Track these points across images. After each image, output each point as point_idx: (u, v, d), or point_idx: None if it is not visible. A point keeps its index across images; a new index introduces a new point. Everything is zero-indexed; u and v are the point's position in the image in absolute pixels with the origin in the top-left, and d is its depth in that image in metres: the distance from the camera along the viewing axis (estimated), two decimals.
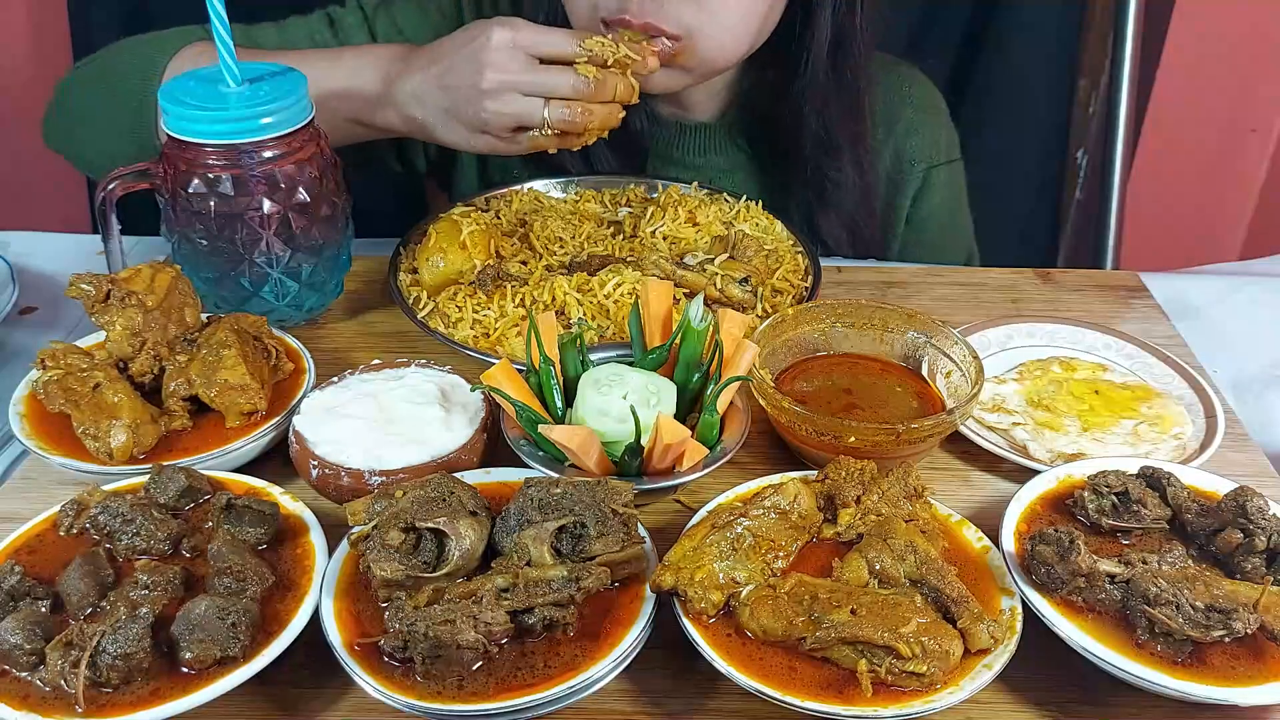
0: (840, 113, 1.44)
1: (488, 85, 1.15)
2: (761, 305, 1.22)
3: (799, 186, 1.50)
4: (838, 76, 1.41)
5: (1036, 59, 1.92)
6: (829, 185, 1.47)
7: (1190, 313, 1.37)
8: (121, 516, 0.87)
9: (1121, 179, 1.93)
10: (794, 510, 0.88)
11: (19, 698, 0.75)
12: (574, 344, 1.04)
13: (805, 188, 1.49)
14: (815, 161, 1.46)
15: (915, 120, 1.59)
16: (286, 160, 1.12)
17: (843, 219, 1.50)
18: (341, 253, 1.23)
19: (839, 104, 1.43)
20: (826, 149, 1.45)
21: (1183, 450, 1.06)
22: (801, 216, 1.50)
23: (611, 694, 0.83)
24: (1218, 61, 2.19)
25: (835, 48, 1.39)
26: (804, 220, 1.50)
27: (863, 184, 1.49)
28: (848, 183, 1.48)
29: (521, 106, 1.16)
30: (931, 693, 0.77)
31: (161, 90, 1.10)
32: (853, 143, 1.46)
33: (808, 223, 1.50)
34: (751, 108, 1.51)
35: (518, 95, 1.15)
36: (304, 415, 1.00)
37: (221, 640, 0.77)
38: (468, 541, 0.84)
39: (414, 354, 1.10)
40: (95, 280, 1.04)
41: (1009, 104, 1.92)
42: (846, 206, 1.49)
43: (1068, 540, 0.83)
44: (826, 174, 1.47)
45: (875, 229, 1.56)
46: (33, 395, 1.04)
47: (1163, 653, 0.80)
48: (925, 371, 1.12)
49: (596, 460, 0.96)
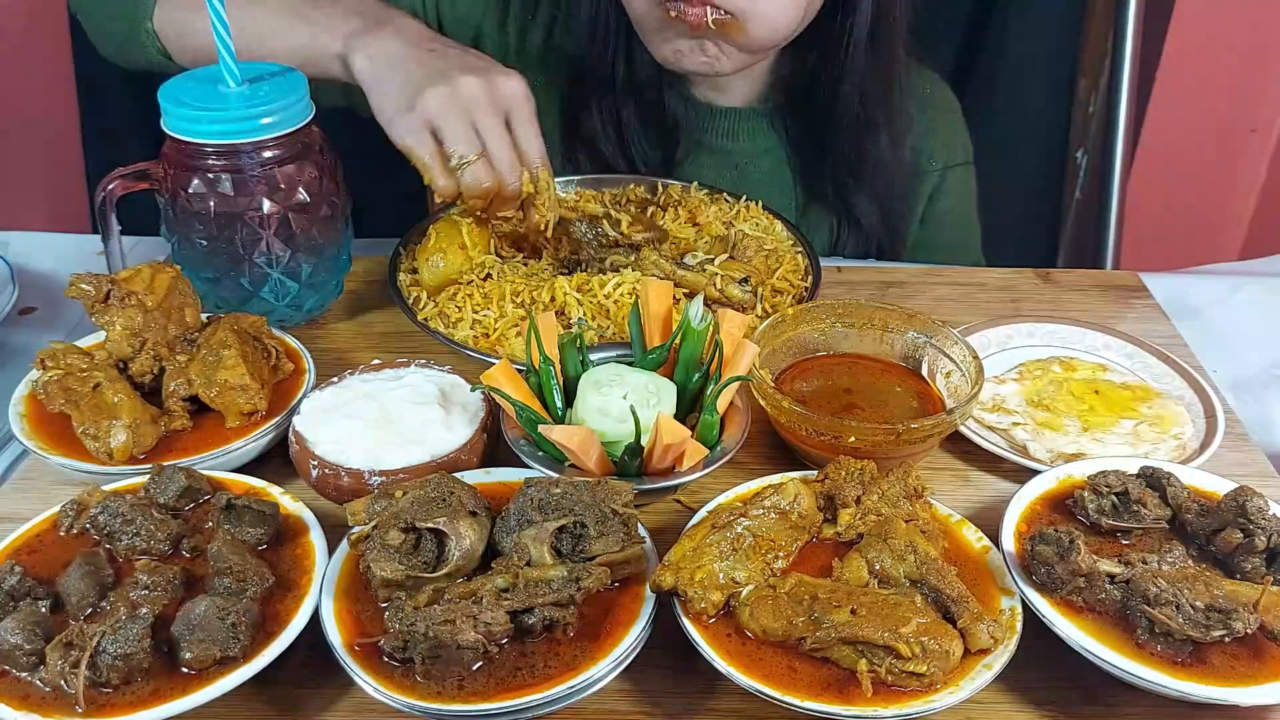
0: (877, 91, 1.45)
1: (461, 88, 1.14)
2: (761, 305, 1.22)
3: (835, 167, 1.51)
4: (876, 55, 1.43)
5: (1036, 59, 1.92)
6: (866, 162, 1.49)
7: (1190, 313, 1.37)
8: (121, 517, 0.87)
9: (1121, 179, 1.93)
10: (794, 510, 0.88)
11: (19, 698, 0.75)
12: (574, 344, 1.04)
13: (840, 168, 1.50)
14: (854, 140, 1.48)
15: (936, 120, 1.61)
16: (286, 160, 1.12)
17: (878, 199, 1.52)
18: (341, 253, 1.23)
19: (877, 82, 1.45)
20: (865, 127, 1.47)
21: (1183, 450, 1.06)
22: (836, 198, 1.51)
23: (611, 694, 0.83)
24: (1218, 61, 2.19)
25: (875, 26, 1.40)
26: (839, 202, 1.51)
27: (898, 160, 1.51)
28: (884, 158, 1.50)
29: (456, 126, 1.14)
30: (931, 693, 0.77)
31: (161, 90, 1.10)
32: (889, 120, 1.48)
33: (842, 204, 1.51)
34: (787, 91, 1.52)
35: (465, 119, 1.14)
36: (304, 415, 1.00)
37: (221, 640, 0.77)
38: (468, 541, 0.84)
39: (414, 354, 1.10)
40: (95, 280, 1.04)
41: (1009, 103, 1.92)
42: (880, 183, 1.51)
43: (1068, 540, 0.83)
44: (864, 149, 1.48)
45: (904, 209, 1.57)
46: (33, 395, 1.04)
47: (1163, 653, 0.80)
48: (925, 371, 1.12)
49: (596, 460, 0.95)
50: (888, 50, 1.43)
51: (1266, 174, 2.32)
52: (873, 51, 1.42)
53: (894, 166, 1.51)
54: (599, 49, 1.45)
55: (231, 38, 1.09)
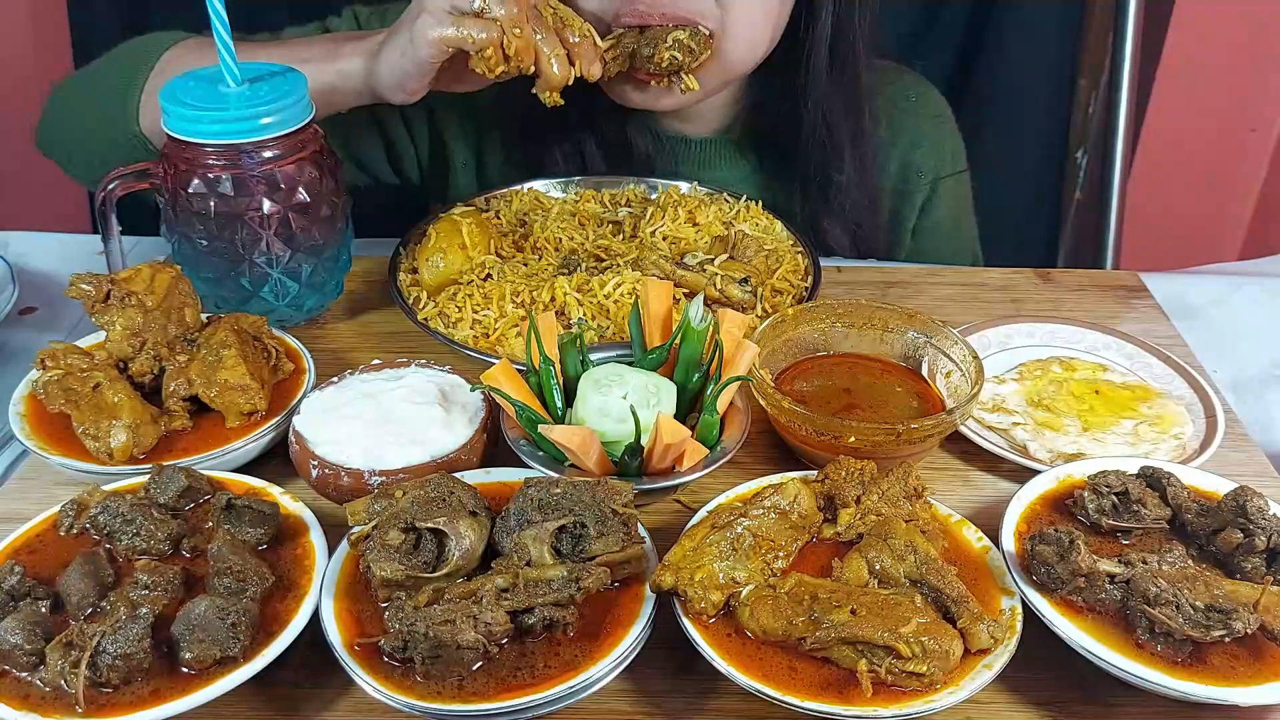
0: (841, 110, 1.44)
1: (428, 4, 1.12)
2: (761, 305, 1.22)
3: (802, 191, 1.50)
4: (837, 73, 1.41)
5: (1036, 60, 1.92)
6: (832, 186, 1.47)
7: (1190, 313, 1.37)
8: (121, 516, 0.87)
9: (1121, 179, 1.93)
10: (794, 510, 0.88)
11: (19, 698, 0.75)
12: (574, 344, 1.04)
13: (809, 192, 1.49)
14: (818, 162, 1.46)
15: (922, 131, 1.59)
16: (286, 160, 1.12)
17: (846, 223, 1.50)
18: (341, 253, 1.23)
19: (839, 101, 1.43)
20: (828, 148, 1.45)
21: (1183, 450, 1.06)
22: (807, 224, 1.49)
23: (611, 694, 0.83)
24: (1218, 61, 2.19)
25: (835, 43, 1.39)
26: (809, 228, 1.50)
27: (865, 183, 1.49)
28: (850, 182, 1.48)
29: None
30: (931, 693, 0.77)
31: (161, 90, 1.10)
32: (854, 140, 1.46)
33: (813, 230, 1.50)
34: (755, 119, 1.51)
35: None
36: (304, 415, 1.00)
37: (221, 640, 0.77)
38: (468, 541, 0.84)
39: (414, 354, 1.10)
40: (95, 280, 1.04)
41: (1009, 104, 1.92)
42: (850, 208, 1.49)
43: (1068, 540, 0.83)
44: (830, 174, 1.46)
45: (878, 232, 1.55)
46: (33, 395, 1.04)
47: (1163, 653, 0.80)
48: (925, 371, 1.12)
49: (596, 460, 0.95)
50: (850, 71, 1.41)
51: (1266, 174, 2.32)
52: (833, 72, 1.40)
53: (862, 191, 1.49)
54: None
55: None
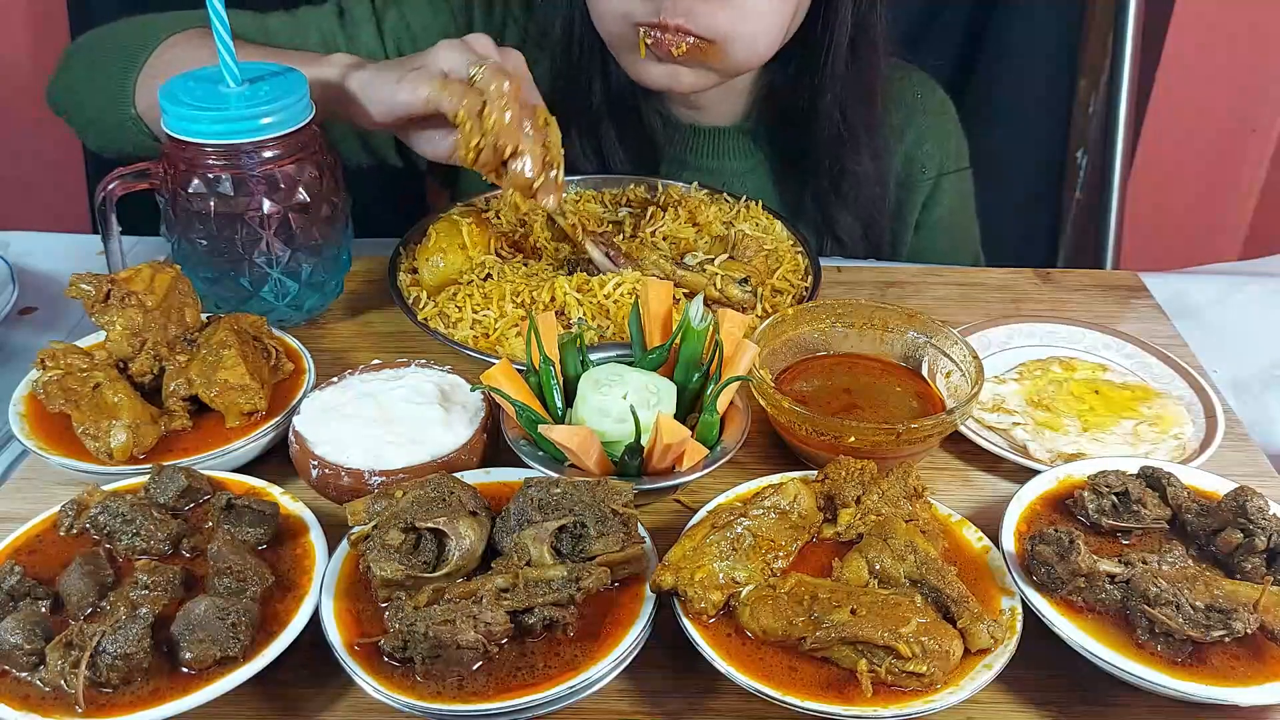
0: (857, 102, 1.44)
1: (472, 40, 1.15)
2: (761, 305, 1.22)
3: (815, 183, 1.50)
4: (856, 67, 1.42)
5: (1036, 59, 1.92)
6: (846, 177, 1.48)
7: (1190, 313, 1.37)
8: (121, 516, 0.87)
9: (1121, 179, 1.93)
10: (794, 510, 0.88)
11: (19, 698, 0.75)
12: (574, 344, 1.04)
13: (821, 183, 1.49)
14: (833, 153, 1.47)
15: (927, 127, 1.60)
16: (286, 160, 1.12)
17: (858, 213, 1.51)
18: (341, 253, 1.23)
19: (856, 93, 1.44)
20: (844, 139, 1.45)
21: (1183, 450, 1.06)
22: (818, 214, 1.50)
23: (611, 694, 0.83)
24: (1218, 61, 2.19)
25: (856, 37, 1.39)
26: (820, 218, 1.50)
27: (879, 174, 1.50)
28: (865, 173, 1.48)
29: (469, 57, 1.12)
30: (931, 693, 0.77)
31: (161, 90, 1.10)
32: (869, 131, 1.47)
33: (824, 220, 1.50)
34: (769, 109, 1.51)
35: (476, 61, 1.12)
36: (304, 415, 1.00)
37: (221, 640, 0.77)
38: (468, 541, 0.84)
39: (414, 354, 1.10)
40: (95, 280, 1.04)
41: (1009, 104, 1.92)
42: (863, 199, 1.50)
43: (1068, 540, 0.83)
44: (844, 165, 1.47)
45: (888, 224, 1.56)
46: (33, 395, 1.03)
47: (1163, 653, 0.80)
48: (925, 371, 1.12)
49: (596, 460, 0.95)
50: (868, 61, 1.42)
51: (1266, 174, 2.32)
52: (853, 63, 1.41)
53: (876, 181, 1.50)
54: (574, 70, 1.44)
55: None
